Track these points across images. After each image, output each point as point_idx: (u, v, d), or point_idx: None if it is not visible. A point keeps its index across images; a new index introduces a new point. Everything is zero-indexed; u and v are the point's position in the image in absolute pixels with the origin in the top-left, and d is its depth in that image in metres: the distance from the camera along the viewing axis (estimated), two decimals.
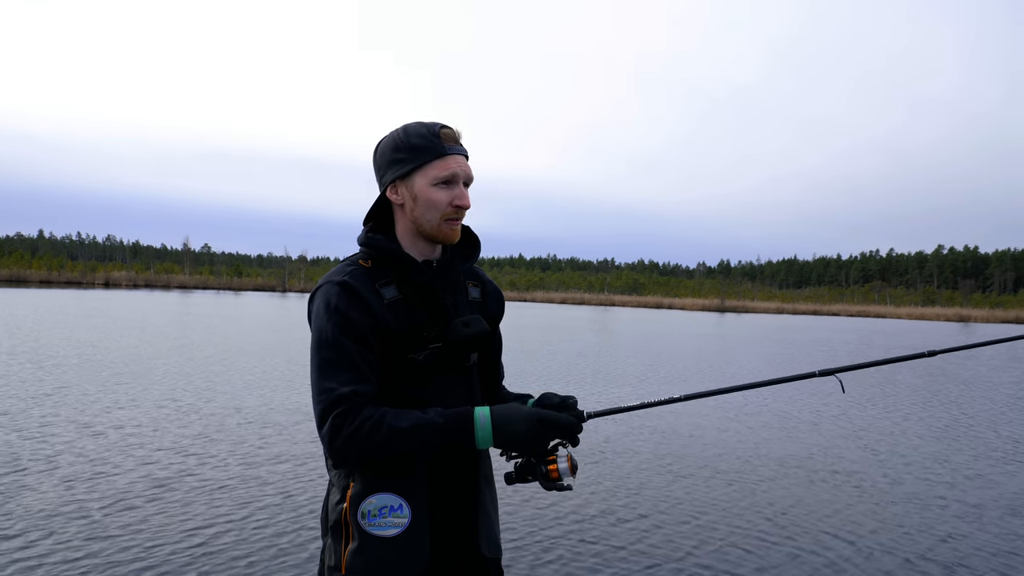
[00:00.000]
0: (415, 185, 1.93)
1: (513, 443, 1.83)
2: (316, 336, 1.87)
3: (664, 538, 5.49)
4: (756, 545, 5.40)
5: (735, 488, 6.92)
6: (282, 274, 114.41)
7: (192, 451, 7.50)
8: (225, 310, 39.96)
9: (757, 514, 6.15)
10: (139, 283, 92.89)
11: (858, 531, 5.76)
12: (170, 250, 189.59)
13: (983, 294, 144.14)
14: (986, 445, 9.37)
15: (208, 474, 6.70)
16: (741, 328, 43.53)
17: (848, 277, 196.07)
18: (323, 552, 1.96)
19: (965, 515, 6.29)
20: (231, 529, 5.31)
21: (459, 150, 1.95)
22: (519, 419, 1.82)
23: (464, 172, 1.94)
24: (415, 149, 1.92)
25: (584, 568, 4.87)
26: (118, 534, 5.11)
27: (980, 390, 15.43)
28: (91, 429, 8.32)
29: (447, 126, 1.95)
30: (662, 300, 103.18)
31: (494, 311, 2.17)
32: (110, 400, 10.21)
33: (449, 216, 1.94)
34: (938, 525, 5.99)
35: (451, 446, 1.80)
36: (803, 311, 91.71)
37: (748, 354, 23.31)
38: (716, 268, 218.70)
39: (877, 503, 6.57)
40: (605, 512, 6.04)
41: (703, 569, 4.90)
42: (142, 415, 9.24)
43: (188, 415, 9.38)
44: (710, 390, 2.08)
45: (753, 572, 4.89)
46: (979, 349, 29.52)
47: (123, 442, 7.75)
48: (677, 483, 7.03)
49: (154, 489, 6.18)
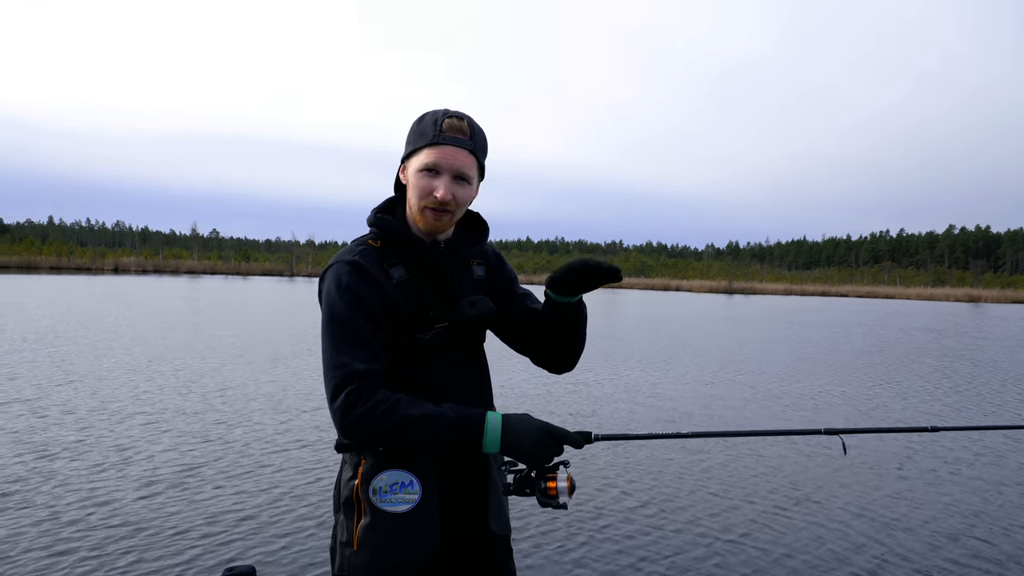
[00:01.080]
0: (410, 169, 1.97)
1: (519, 452, 1.84)
2: (328, 313, 1.89)
3: (662, 515, 5.52)
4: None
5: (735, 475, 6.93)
6: (290, 258, 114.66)
7: (220, 437, 7.55)
8: (235, 295, 40.08)
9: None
10: (148, 269, 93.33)
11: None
12: (179, 235, 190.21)
13: (995, 274, 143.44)
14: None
15: (236, 460, 6.75)
16: (749, 310, 43.43)
17: (858, 258, 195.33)
18: (335, 528, 1.99)
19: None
20: (261, 508, 5.35)
21: (454, 141, 1.91)
22: (529, 429, 1.84)
23: (449, 164, 1.91)
24: (417, 134, 1.95)
25: (584, 544, 4.96)
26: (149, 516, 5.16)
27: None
28: (117, 416, 8.37)
29: (454, 116, 1.94)
30: (669, 282, 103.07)
31: (499, 280, 2.17)
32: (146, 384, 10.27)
33: (428, 205, 1.93)
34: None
35: (459, 443, 1.82)
36: (811, 292, 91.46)
37: (759, 337, 23.26)
38: (725, 250, 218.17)
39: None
40: (608, 488, 6.06)
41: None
42: (179, 401, 9.30)
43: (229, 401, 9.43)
44: (719, 431, 2.19)
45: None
46: (992, 329, 29.41)
47: (151, 427, 7.80)
48: (673, 465, 7.04)
49: (182, 473, 6.23)
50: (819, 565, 4.72)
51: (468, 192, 1.98)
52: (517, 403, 9.69)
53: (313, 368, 12.55)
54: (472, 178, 1.97)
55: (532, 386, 11.04)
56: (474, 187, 2.00)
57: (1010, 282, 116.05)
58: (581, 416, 9.13)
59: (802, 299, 71.82)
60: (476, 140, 1.97)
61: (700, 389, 11.60)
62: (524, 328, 2.16)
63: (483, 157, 2.02)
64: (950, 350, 19.80)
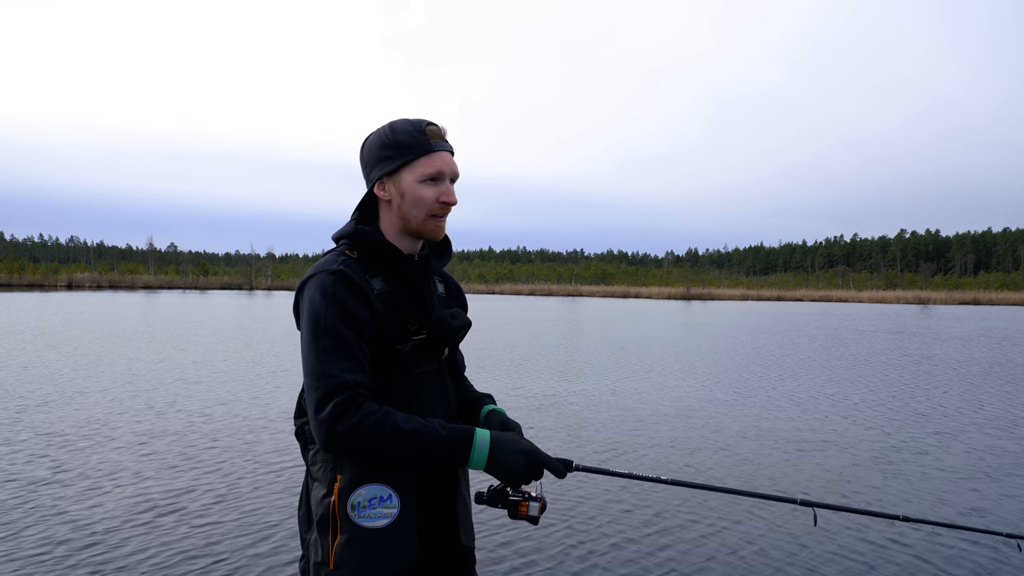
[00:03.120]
0: (403, 182, 1.95)
1: (502, 472, 1.85)
2: (312, 323, 1.84)
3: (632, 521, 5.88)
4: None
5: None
6: (249, 272, 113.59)
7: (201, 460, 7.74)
8: (190, 310, 39.73)
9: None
10: (103, 284, 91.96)
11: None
12: (135, 250, 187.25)
13: (944, 276, 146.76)
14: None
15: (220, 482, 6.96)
16: (703, 316, 44.10)
17: (814, 263, 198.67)
18: (307, 548, 1.93)
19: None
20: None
21: (445, 147, 1.96)
22: (516, 451, 1.86)
23: (450, 169, 1.97)
24: (402, 146, 1.94)
25: (545, 546, 5.15)
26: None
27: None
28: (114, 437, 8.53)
29: (433, 123, 1.97)
30: (629, 289, 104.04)
31: (455, 303, 2.23)
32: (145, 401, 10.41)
33: (435, 212, 1.96)
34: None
35: (445, 460, 1.83)
36: (767, 297, 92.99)
37: (713, 347, 23.76)
38: (684, 256, 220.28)
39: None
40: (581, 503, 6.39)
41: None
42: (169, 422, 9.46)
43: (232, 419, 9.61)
44: (697, 482, 2.19)
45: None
46: (945, 331, 30.38)
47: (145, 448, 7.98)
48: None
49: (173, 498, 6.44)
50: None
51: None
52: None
53: (264, 384, 12.76)
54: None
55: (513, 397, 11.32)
56: None
57: (958, 284, 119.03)
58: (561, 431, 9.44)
59: (758, 304, 73.00)
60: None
61: (682, 400, 12.02)
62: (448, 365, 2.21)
63: None
64: (906, 350, 20.50)
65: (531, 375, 14.26)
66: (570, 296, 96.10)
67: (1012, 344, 23.86)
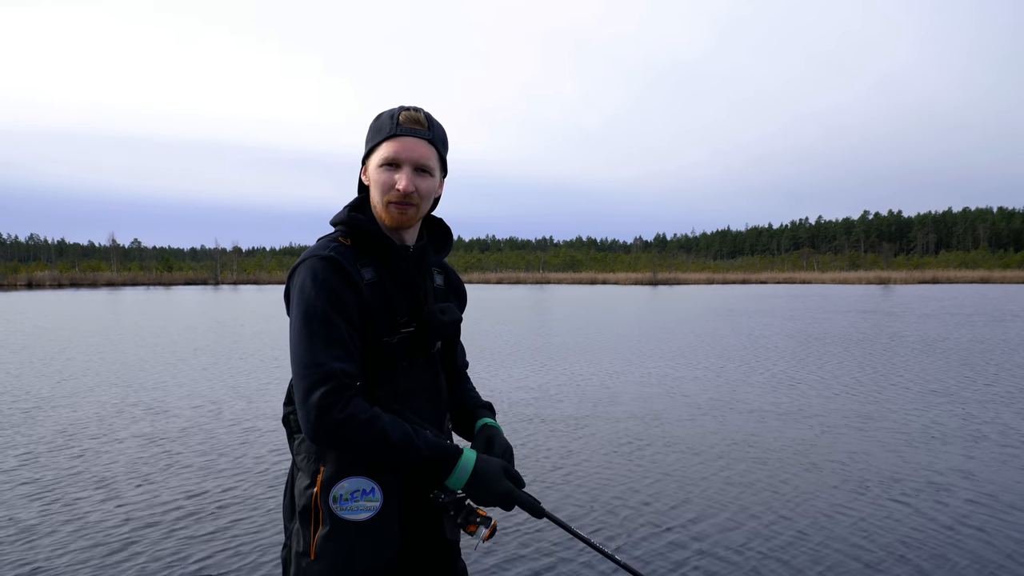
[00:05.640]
0: (370, 166, 1.95)
1: (476, 496, 1.85)
2: (302, 309, 1.81)
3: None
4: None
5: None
6: (214, 267, 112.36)
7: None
8: (155, 307, 39.31)
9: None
10: (64, 282, 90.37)
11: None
12: (98, 247, 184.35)
13: (906, 256, 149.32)
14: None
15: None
16: (674, 301, 44.50)
17: (780, 245, 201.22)
18: (289, 537, 1.92)
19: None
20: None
21: (412, 132, 1.91)
22: (495, 483, 1.84)
23: (408, 155, 1.90)
24: (375, 131, 1.95)
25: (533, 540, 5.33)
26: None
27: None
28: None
29: (410, 108, 1.94)
30: (596, 276, 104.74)
31: (455, 297, 2.20)
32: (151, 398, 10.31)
33: (392, 199, 1.90)
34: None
35: (425, 472, 1.83)
36: (733, 280, 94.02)
37: (679, 331, 24.01)
38: (652, 242, 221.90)
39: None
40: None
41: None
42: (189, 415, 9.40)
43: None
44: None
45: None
46: (919, 308, 30.88)
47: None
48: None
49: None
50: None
51: (430, 184, 1.95)
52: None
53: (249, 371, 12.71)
54: (433, 170, 1.95)
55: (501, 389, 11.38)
56: (436, 180, 1.98)
57: (919, 263, 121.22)
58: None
59: (723, 287, 73.78)
60: (435, 132, 1.96)
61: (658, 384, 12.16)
62: (444, 359, 2.19)
63: (444, 150, 2.00)
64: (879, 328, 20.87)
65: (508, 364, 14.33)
66: (538, 284, 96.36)
67: (1001, 320, 24.38)
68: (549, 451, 7.36)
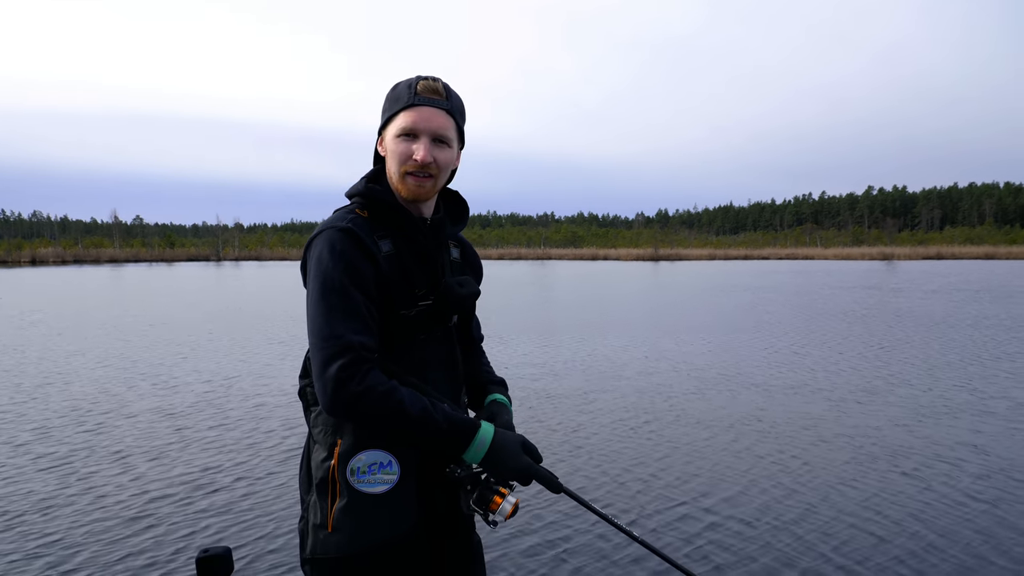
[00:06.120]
0: (387, 137, 1.92)
1: (493, 471, 1.83)
2: (320, 281, 1.79)
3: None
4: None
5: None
6: (216, 243, 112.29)
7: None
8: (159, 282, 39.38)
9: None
10: (67, 259, 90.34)
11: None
12: (100, 223, 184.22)
13: (911, 232, 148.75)
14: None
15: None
16: (676, 276, 44.49)
17: (783, 221, 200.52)
18: (306, 510, 1.91)
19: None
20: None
21: (430, 101, 1.87)
22: (512, 457, 1.83)
23: (427, 125, 1.86)
24: (392, 100, 1.92)
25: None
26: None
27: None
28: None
29: (428, 78, 1.90)
30: (597, 252, 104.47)
31: (472, 271, 2.18)
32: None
33: (409, 170, 1.87)
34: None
35: (442, 446, 1.82)
36: (734, 256, 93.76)
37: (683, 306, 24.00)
38: (654, 218, 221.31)
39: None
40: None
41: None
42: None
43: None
44: (673, 559, 2.01)
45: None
46: (924, 285, 30.84)
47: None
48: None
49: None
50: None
51: (448, 155, 1.92)
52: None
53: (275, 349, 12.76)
54: (451, 140, 1.92)
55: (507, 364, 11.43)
56: (454, 151, 1.95)
57: (922, 239, 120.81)
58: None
59: (725, 263, 73.68)
60: (453, 102, 1.92)
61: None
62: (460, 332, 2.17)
63: (462, 121, 1.97)
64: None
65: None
66: (539, 260, 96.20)
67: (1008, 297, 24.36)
68: (559, 425, 7.42)
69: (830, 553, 4.39)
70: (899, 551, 4.40)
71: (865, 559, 4.30)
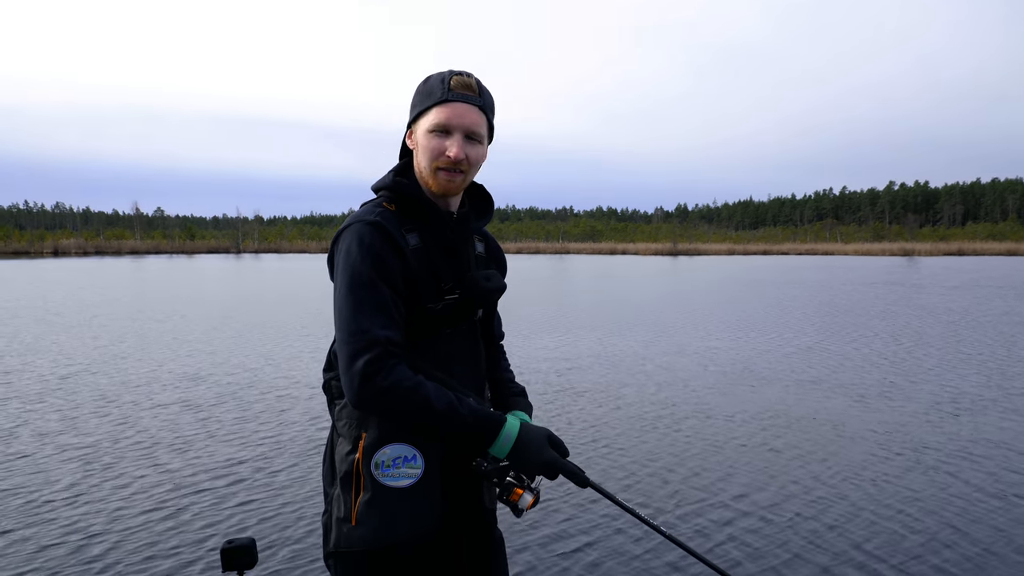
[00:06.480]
0: (418, 131, 1.91)
1: (519, 465, 1.82)
2: (348, 275, 1.79)
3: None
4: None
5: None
6: (236, 235, 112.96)
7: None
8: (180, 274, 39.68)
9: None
10: (89, 250, 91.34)
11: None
12: (122, 215, 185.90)
13: (932, 228, 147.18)
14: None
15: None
16: (696, 271, 44.31)
17: (803, 216, 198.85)
18: (330, 503, 1.91)
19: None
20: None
21: (464, 98, 1.85)
22: (538, 451, 1.82)
23: (460, 121, 1.85)
24: (424, 95, 1.90)
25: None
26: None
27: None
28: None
29: (462, 73, 1.89)
30: (616, 246, 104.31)
31: (496, 265, 2.16)
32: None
33: (441, 166, 1.87)
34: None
35: (468, 440, 1.81)
36: (754, 251, 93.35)
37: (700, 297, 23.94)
38: (673, 212, 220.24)
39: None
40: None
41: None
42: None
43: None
44: (705, 557, 1.98)
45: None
46: (944, 281, 30.60)
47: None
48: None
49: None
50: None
51: (480, 152, 1.91)
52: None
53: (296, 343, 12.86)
54: (483, 137, 1.91)
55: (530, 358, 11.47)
56: (485, 147, 1.94)
57: (944, 235, 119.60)
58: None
59: (744, 258, 73.37)
60: (485, 98, 1.91)
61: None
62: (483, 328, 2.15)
63: (492, 116, 1.96)
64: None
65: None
66: (557, 254, 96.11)
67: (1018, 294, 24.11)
68: (583, 421, 7.43)
69: (850, 549, 4.39)
70: (920, 548, 4.39)
71: (887, 556, 4.29)
